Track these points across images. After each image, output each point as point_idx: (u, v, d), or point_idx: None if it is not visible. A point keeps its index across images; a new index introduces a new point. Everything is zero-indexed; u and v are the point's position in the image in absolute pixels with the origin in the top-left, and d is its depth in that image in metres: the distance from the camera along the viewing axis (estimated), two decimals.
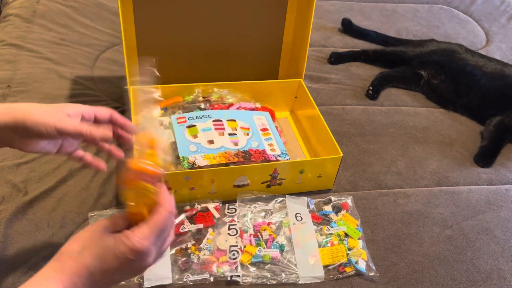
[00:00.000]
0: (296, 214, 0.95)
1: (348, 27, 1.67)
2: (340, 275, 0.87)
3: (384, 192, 1.07)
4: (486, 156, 1.21)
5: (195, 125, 1.03)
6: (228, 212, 0.94)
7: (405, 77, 1.44)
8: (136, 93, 0.67)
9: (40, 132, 0.62)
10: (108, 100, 1.21)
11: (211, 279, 0.82)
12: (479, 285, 0.90)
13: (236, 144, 1.01)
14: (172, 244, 0.85)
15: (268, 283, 0.84)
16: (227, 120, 1.06)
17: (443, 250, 0.96)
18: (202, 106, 1.10)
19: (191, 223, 0.89)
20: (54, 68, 1.28)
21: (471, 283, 0.90)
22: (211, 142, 1.00)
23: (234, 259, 0.85)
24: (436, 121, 1.33)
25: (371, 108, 1.33)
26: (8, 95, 1.15)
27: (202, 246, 0.86)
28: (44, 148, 0.67)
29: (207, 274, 0.82)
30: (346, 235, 0.93)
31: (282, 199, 0.98)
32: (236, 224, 0.91)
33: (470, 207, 1.06)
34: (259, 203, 0.97)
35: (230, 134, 1.03)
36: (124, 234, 0.54)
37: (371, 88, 1.37)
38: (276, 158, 1.00)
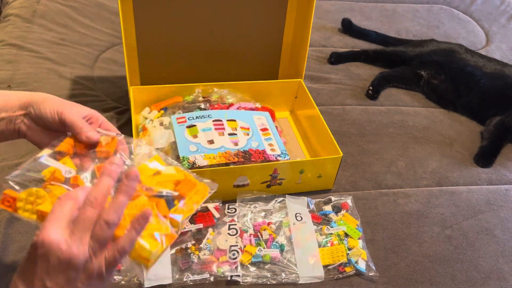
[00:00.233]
0: (296, 214, 0.95)
1: (348, 27, 1.67)
2: (340, 275, 0.87)
3: (384, 192, 1.07)
4: (486, 156, 1.21)
5: (195, 125, 1.03)
6: (228, 212, 0.94)
7: (405, 77, 1.44)
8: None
9: (43, 116, 0.63)
10: (108, 100, 1.21)
11: (211, 279, 0.82)
12: (479, 285, 0.90)
13: (236, 144, 1.01)
14: (173, 244, 0.85)
15: (268, 283, 0.84)
16: (227, 120, 1.06)
17: (443, 250, 0.96)
18: (202, 106, 1.10)
19: (191, 223, 0.89)
20: (54, 68, 1.28)
21: (471, 283, 0.90)
22: (211, 142, 1.00)
23: (234, 259, 0.85)
24: (436, 121, 1.33)
25: (371, 108, 1.33)
26: None
27: (202, 246, 0.86)
28: (44, 144, 0.66)
29: (207, 274, 0.83)
30: (346, 235, 0.93)
31: (282, 199, 0.98)
32: (236, 224, 0.91)
33: (470, 207, 1.06)
34: (259, 203, 0.97)
35: (230, 134, 1.02)
36: None
37: (371, 88, 1.37)
38: (276, 158, 1.00)
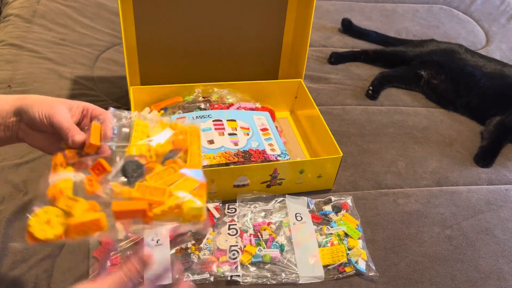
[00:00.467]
0: (296, 214, 0.95)
1: (348, 27, 1.67)
2: (340, 275, 0.87)
3: (384, 192, 1.07)
4: (486, 156, 1.21)
5: None
6: (228, 212, 0.94)
7: (405, 77, 1.44)
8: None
9: (34, 120, 0.62)
10: (108, 100, 1.21)
11: (211, 279, 0.82)
12: (479, 285, 0.90)
13: (236, 144, 1.01)
14: (172, 245, 0.85)
15: (268, 283, 0.84)
16: (227, 120, 1.06)
17: (443, 250, 0.96)
18: (202, 106, 1.10)
19: None
20: (54, 68, 1.28)
21: (471, 283, 0.90)
22: (211, 142, 1.00)
23: (234, 259, 0.85)
24: (436, 121, 1.33)
25: (371, 108, 1.33)
26: None
27: (202, 246, 0.86)
28: (44, 147, 0.66)
29: (207, 274, 0.83)
30: (346, 235, 0.93)
31: (282, 199, 0.98)
32: (236, 224, 0.91)
33: (470, 207, 1.06)
34: (259, 203, 0.97)
35: (230, 134, 1.03)
36: None
37: (371, 88, 1.37)
38: (276, 158, 1.00)
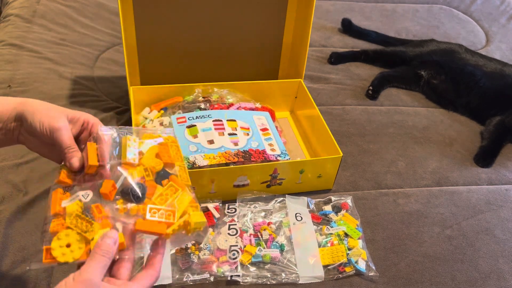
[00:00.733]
0: (296, 214, 0.95)
1: (348, 27, 1.67)
2: (340, 275, 0.87)
3: (384, 192, 1.07)
4: (486, 156, 1.21)
5: (195, 125, 1.03)
6: (228, 212, 0.94)
7: (405, 77, 1.44)
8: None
9: (35, 128, 0.61)
10: (108, 100, 1.21)
11: (211, 279, 0.82)
12: (479, 285, 0.90)
13: (236, 144, 1.01)
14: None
15: (268, 283, 0.84)
16: (227, 120, 1.06)
17: (443, 250, 0.96)
18: (202, 106, 1.10)
19: None
20: (54, 68, 1.28)
21: (471, 283, 0.90)
22: (211, 142, 1.00)
23: (234, 259, 0.85)
24: (436, 121, 1.33)
25: (371, 108, 1.33)
26: (9, 95, 1.15)
27: (202, 246, 0.86)
28: (43, 153, 0.66)
29: (207, 274, 0.83)
30: (346, 235, 0.93)
31: (282, 199, 0.98)
32: (236, 224, 0.91)
33: (470, 207, 1.06)
34: (259, 203, 0.97)
35: (230, 134, 1.03)
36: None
37: (371, 88, 1.37)
38: (276, 158, 1.00)
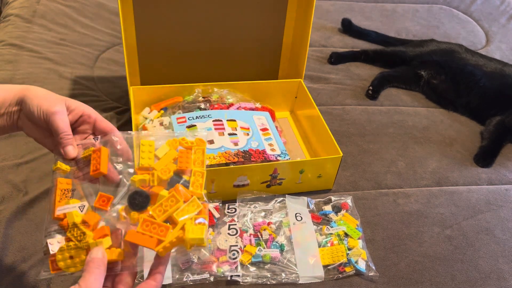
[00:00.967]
0: (296, 214, 0.95)
1: (348, 27, 1.67)
2: (340, 275, 0.87)
3: (384, 192, 1.07)
4: (486, 156, 1.21)
5: (195, 125, 1.03)
6: (228, 212, 0.94)
7: (405, 77, 1.44)
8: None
9: (32, 113, 0.62)
10: (108, 100, 1.21)
11: (211, 279, 0.82)
12: (479, 285, 0.90)
13: (236, 144, 1.01)
14: None
15: (268, 283, 0.84)
16: (227, 120, 1.06)
17: (443, 250, 0.96)
18: (202, 106, 1.10)
19: None
20: (54, 68, 1.28)
21: (471, 283, 0.90)
22: (211, 142, 1.00)
23: (234, 259, 0.85)
24: (436, 121, 1.33)
25: (371, 108, 1.33)
26: None
27: None
28: (39, 139, 0.66)
29: (207, 274, 0.83)
30: (346, 235, 0.93)
31: (282, 199, 0.98)
32: (236, 224, 0.91)
33: (470, 207, 1.06)
34: (259, 203, 0.97)
35: (230, 134, 1.03)
36: None
37: (371, 88, 1.37)
38: (276, 158, 1.00)
